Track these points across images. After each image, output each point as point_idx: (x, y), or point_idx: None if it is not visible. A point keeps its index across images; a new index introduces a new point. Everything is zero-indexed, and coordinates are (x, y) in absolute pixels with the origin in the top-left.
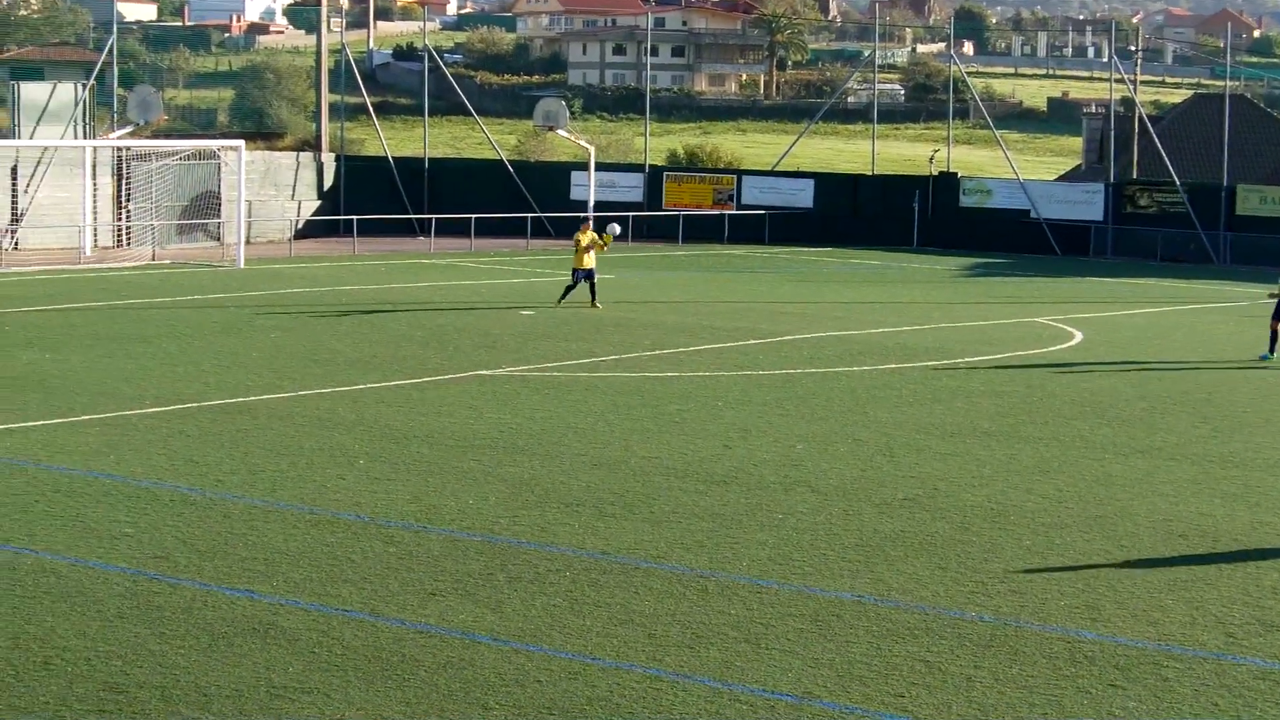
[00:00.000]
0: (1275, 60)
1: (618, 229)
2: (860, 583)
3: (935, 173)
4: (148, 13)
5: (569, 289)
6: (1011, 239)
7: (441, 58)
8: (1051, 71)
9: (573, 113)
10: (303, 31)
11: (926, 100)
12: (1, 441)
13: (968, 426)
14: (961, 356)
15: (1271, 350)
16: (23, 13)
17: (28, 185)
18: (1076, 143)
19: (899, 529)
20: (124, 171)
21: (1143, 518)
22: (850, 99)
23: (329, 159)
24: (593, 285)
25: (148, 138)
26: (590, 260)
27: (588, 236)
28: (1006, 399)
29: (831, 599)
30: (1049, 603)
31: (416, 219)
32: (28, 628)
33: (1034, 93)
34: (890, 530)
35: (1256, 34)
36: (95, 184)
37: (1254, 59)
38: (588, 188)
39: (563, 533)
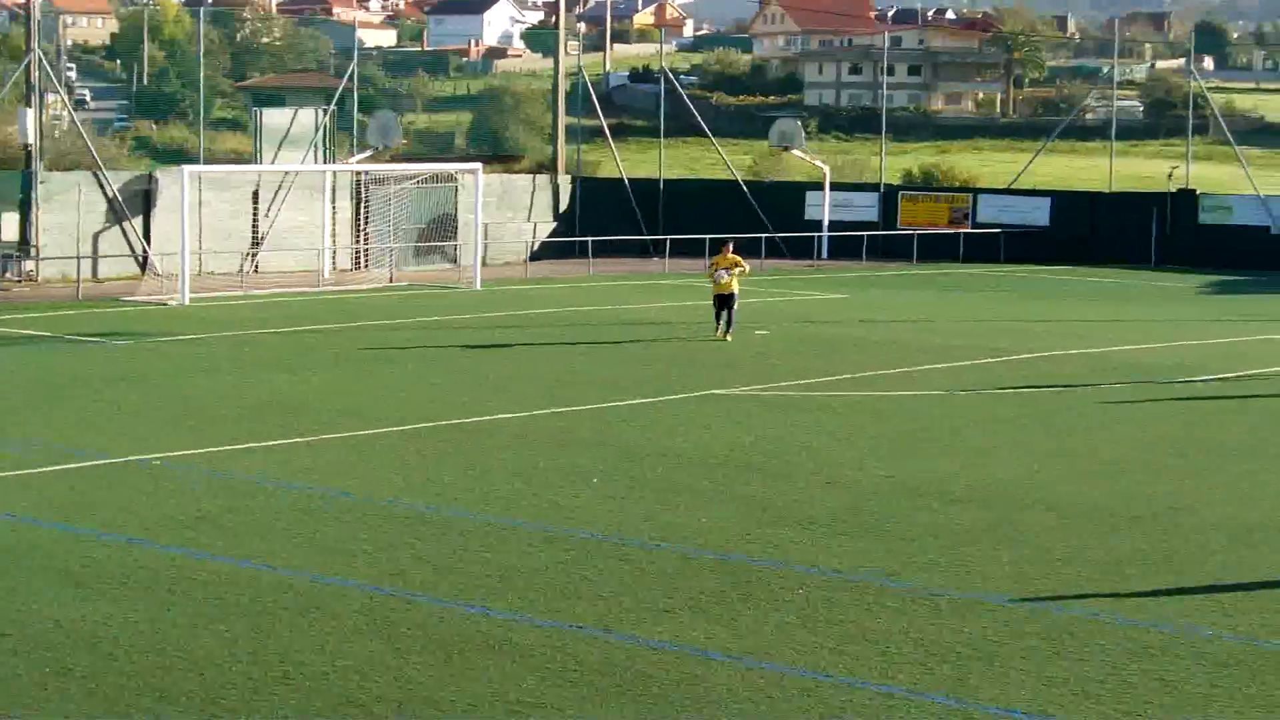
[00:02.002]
0: None
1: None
2: (1097, 601)
3: (1174, 189)
4: (387, 38)
5: (720, 318)
6: (1252, 256)
7: (677, 79)
8: None
9: (808, 133)
10: (540, 55)
11: (1165, 116)
12: (242, 461)
13: (1212, 443)
14: (1204, 373)
15: None
16: (265, 40)
17: (269, 209)
18: None
19: (1138, 547)
20: (362, 195)
21: None
22: (1088, 116)
23: (565, 181)
24: (731, 314)
25: (386, 162)
26: (735, 286)
27: (728, 260)
28: (1251, 415)
29: (1068, 617)
30: None
31: (651, 240)
32: (267, 642)
33: (1276, 107)
34: (1129, 549)
35: None
36: (334, 207)
37: None
38: (822, 207)
39: (796, 551)
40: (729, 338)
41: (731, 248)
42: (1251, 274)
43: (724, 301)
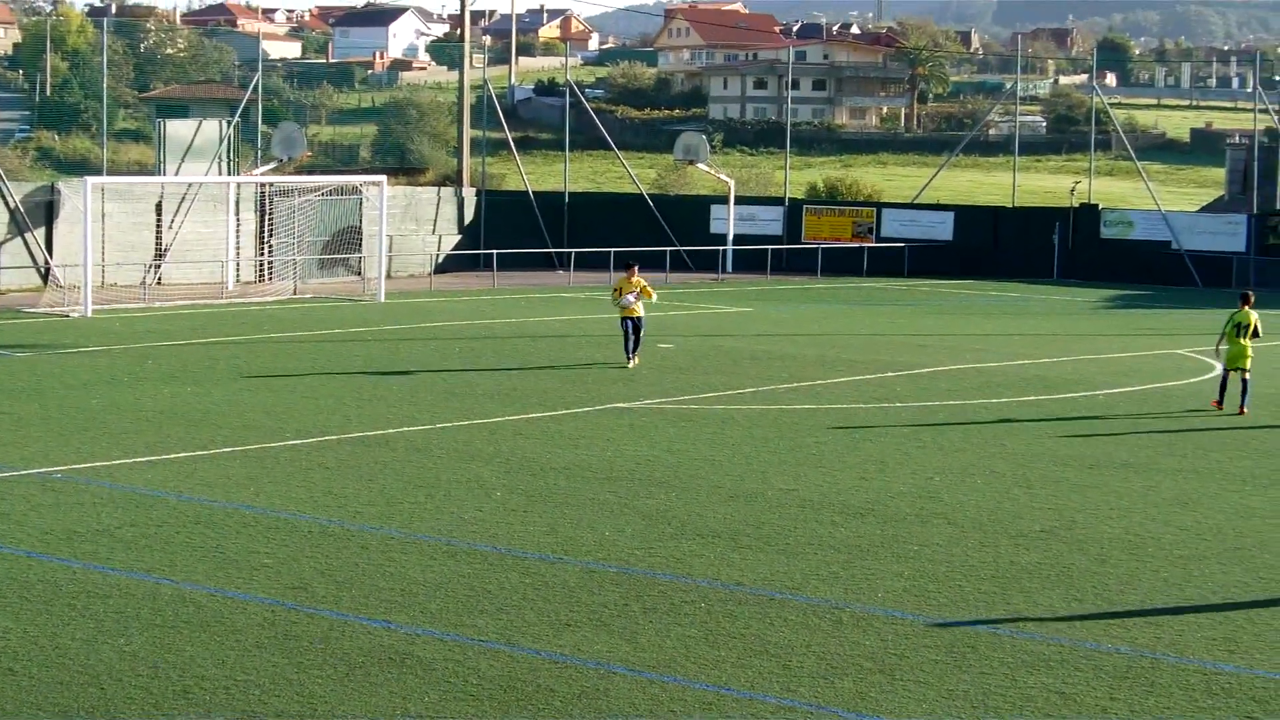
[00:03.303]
0: None
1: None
2: (996, 614)
3: (1076, 204)
4: (292, 50)
5: (628, 348)
6: (1153, 271)
7: (583, 92)
8: (1195, 102)
9: (713, 147)
10: (445, 68)
11: (1068, 132)
12: (144, 474)
13: (1106, 458)
14: (1101, 388)
15: None
16: (169, 51)
17: (172, 221)
18: (1219, 174)
19: (1035, 561)
20: (267, 207)
21: None
22: (991, 131)
23: (470, 194)
24: (639, 338)
25: (291, 174)
26: (639, 309)
27: (633, 285)
28: (1145, 430)
29: (967, 630)
30: (1185, 635)
31: (556, 253)
32: (167, 656)
33: (1177, 124)
34: (1026, 562)
35: None
36: (238, 219)
37: None
38: (727, 221)
39: (698, 564)
40: (635, 361)
41: (636, 270)
42: (1152, 288)
43: (633, 326)
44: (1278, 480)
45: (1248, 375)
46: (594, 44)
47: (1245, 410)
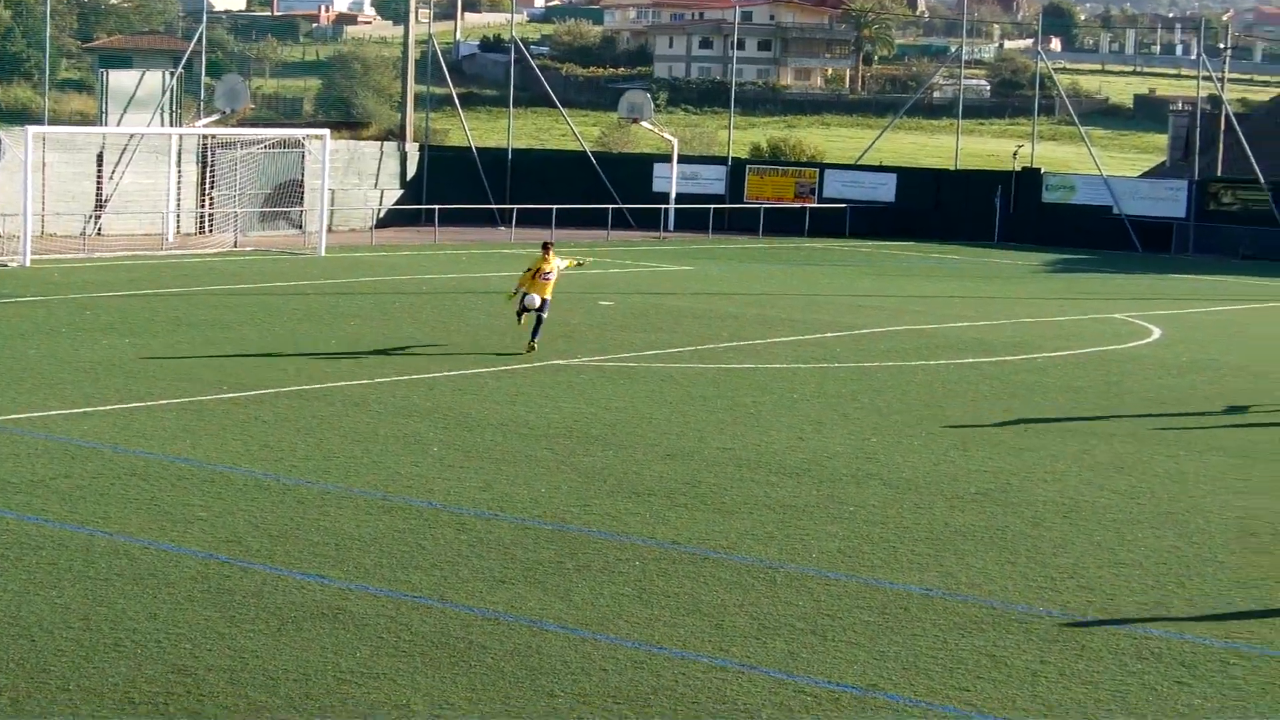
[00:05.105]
0: None
1: (537, 300)
2: (929, 576)
3: (1019, 168)
4: (237, 2)
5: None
6: (1094, 235)
7: (528, 49)
8: (1139, 69)
9: (657, 105)
10: (390, 22)
11: (1012, 96)
12: (79, 425)
13: (1044, 421)
14: (1040, 352)
15: None
16: (113, 1)
17: (113, 172)
18: (1162, 140)
19: (970, 523)
20: (209, 159)
21: (1215, 515)
22: (936, 94)
23: (413, 149)
24: (541, 319)
25: (234, 126)
26: (548, 290)
27: (551, 262)
28: (1083, 394)
29: (900, 592)
30: (1117, 599)
31: (498, 209)
32: (99, 609)
33: (1121, 89)
34: (961, 524)
35: None
36: (180, 171)
37: None
38: (670, 180)
39: (633, 522)
40: (535, 346)
41: (552, 251)
42: (1093, 253)
43: (540, 304)
44: (1213, 445)
45: None
46: (540, 1)
47: None
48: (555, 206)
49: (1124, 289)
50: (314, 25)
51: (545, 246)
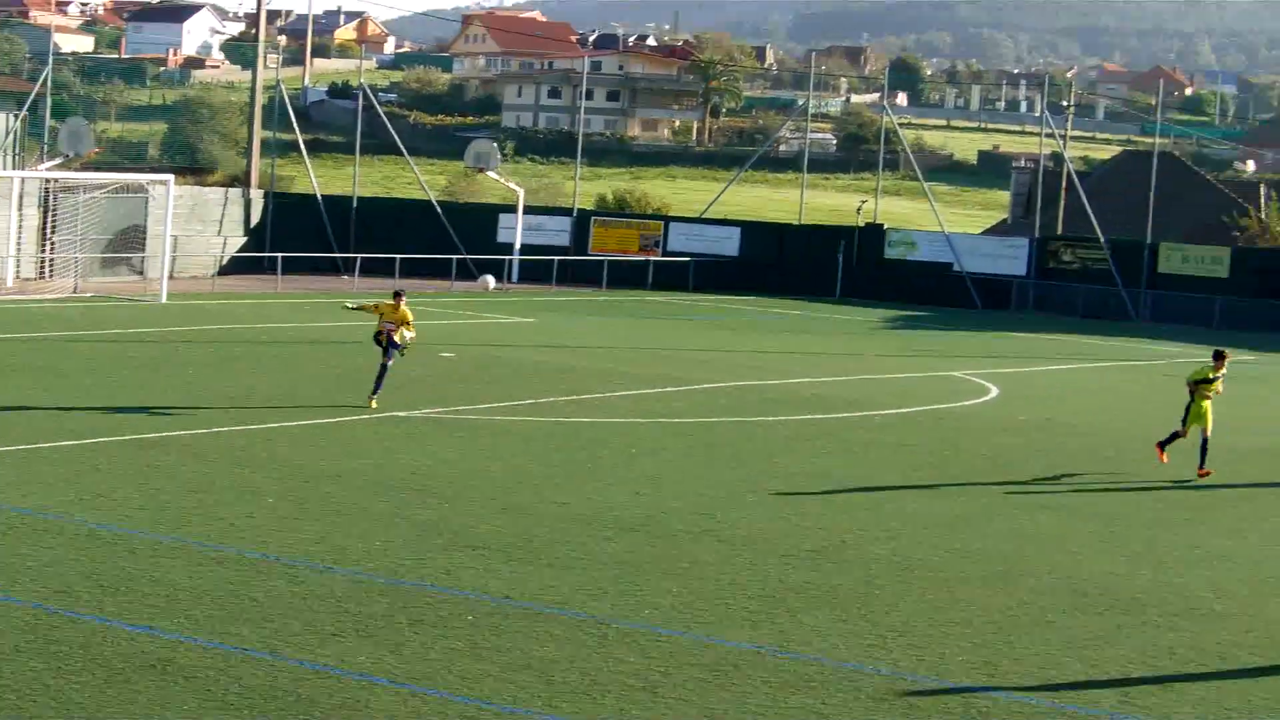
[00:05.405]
0: (1205, 118)
1: (491, 282)
2: (761, 633)
3: (862, 223)
4: (85, 44)
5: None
6: (934, 292)
7: (376, 96)
8: (984, 125)
9: (505, 155)
10: (239, 67)
11: (858, 150)
12: None
13: (879, 480)
14: (877, 409)
15: None
16: None
17: None
18: (1005, 197)
19: (803, 580)
20: (51, 203)
21: (1046, 575)
22: (782, 147)
23: (257, 195)
24: (386, 370)
25: (77, 170)
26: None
27: (398, 316)
28: (919, 453)
29: (731, 649)
30: (947, 658)
31: (342, 257)
32: None
33: (965, 145)
34: (795, 581)
35: (1189, 91)
36: (21, 215)
37: (1184, 117)
38: (515, 230)
39: (467, 576)
40: (374, 403)
41: (404, 300)
42: (933, 309)
43: (387, 347)
44: (1045, 505)
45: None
46: (390, 47)
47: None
48: (400, 256)
49: (963, 347)
50: (161, 69)
51: (397, 295)
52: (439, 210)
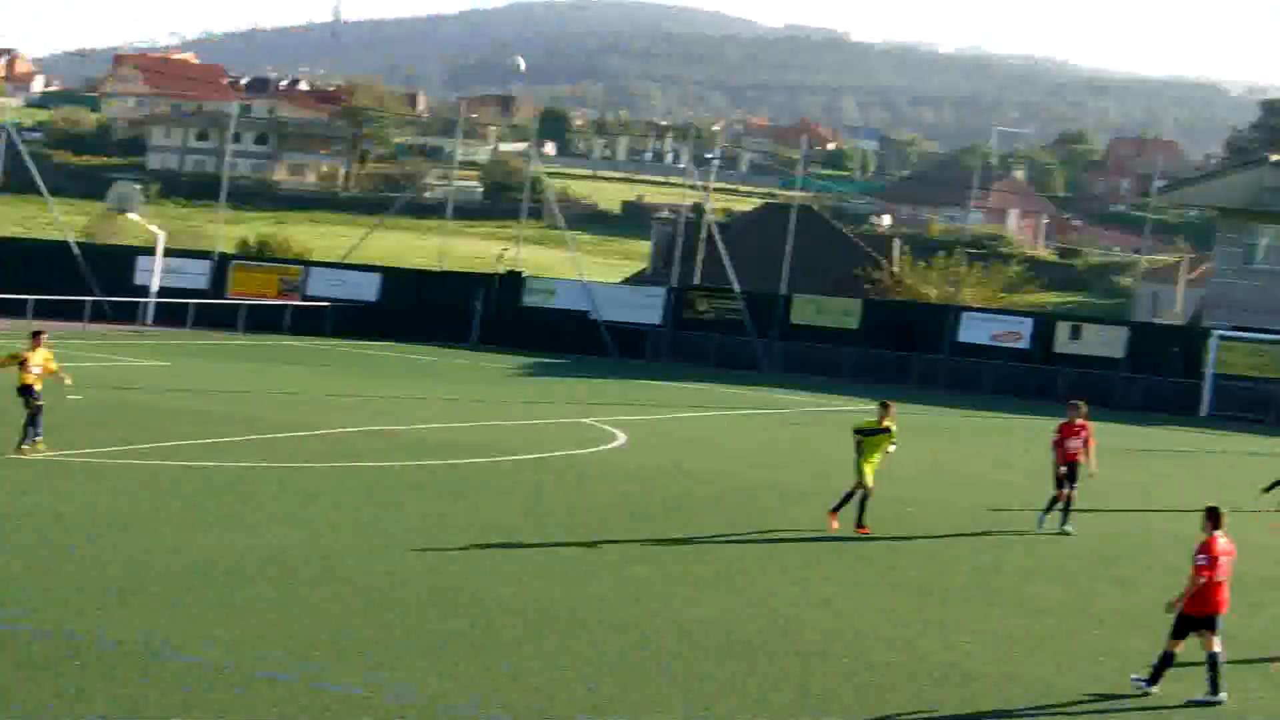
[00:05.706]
0: (846, 173)
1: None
2: (406, 673)
3: (502, 271)
4: None
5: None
6: (572, 339)
7: (20, 135)
8: (631, 175)
9: (150, 197)
10: None
11: (504, 198)
12: None
13: (495, 524)
14: (506, 454)
15: None
16: None
17: None
18: (646, 247)
19: (452, 629)
20: None
21: (664, 622)
22: (428, 194)
23: None
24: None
25: None
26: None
27: (38, 356)
28: (541, 498)
29: (342, 694)
30: (556, 700)
31: None
32: None
33: (611, 195)
34: (440, 629)
35: (831, 146)
36: None
37: (826, 171)
38: (152, 273)
39: (79, 622)
40: (26, 449)
41: (42, 340)
42: (570, 357)
43: (30, 402)
44: (667, 553)
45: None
46: (39, 85)
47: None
48: (32, 297)
49: (596, 394)
50: None
51: (35, 335)
52: (76, 251)
